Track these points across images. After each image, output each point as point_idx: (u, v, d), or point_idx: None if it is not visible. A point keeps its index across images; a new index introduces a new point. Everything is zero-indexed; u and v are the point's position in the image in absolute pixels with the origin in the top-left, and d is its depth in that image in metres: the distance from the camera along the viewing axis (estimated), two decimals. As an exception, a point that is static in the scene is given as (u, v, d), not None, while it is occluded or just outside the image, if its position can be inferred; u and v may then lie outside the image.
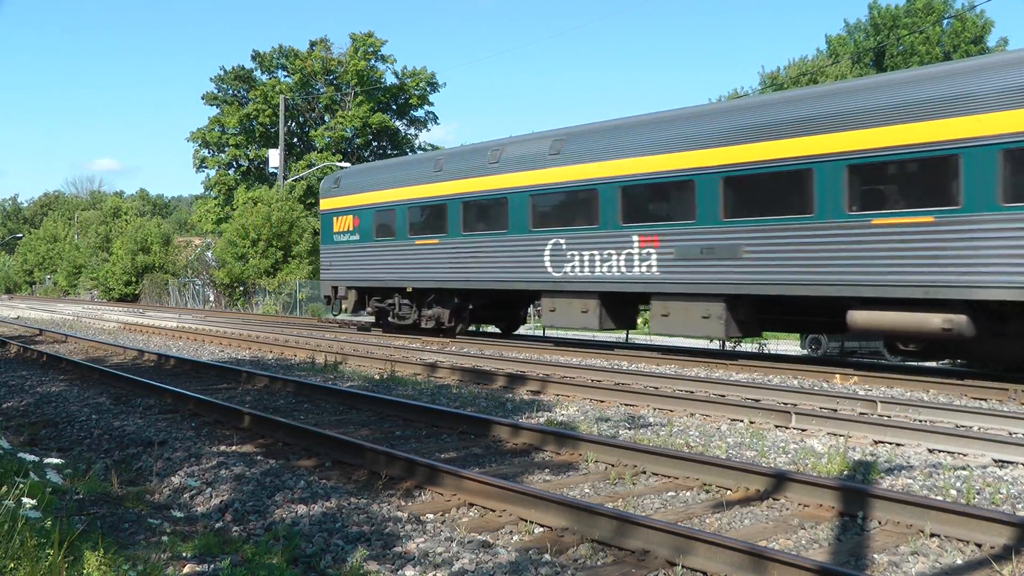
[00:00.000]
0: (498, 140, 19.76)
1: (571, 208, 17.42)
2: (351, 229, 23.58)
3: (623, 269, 16.03)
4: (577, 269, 16.89)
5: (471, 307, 21.01)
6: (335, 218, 24.33)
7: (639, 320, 22.13)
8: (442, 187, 20.40)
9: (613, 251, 16.21)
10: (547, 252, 17.50)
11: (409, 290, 21.68)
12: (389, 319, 22.99)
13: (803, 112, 13.65)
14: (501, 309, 21.96)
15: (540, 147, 18.00)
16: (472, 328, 22.98)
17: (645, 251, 15.65)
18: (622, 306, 17.07)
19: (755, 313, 15.03)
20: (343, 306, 24.65)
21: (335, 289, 24.46)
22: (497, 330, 23.90)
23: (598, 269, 16.50)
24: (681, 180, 15.21)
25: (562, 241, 17.22)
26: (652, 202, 16.14)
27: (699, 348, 20.57)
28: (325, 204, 25.06)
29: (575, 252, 16.92)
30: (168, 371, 14.60)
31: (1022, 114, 11.32)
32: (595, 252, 16.56)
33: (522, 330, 27.90)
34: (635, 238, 15.83)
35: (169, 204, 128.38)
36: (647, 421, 9.65)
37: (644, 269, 15.66)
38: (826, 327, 16.80)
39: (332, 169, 55.68)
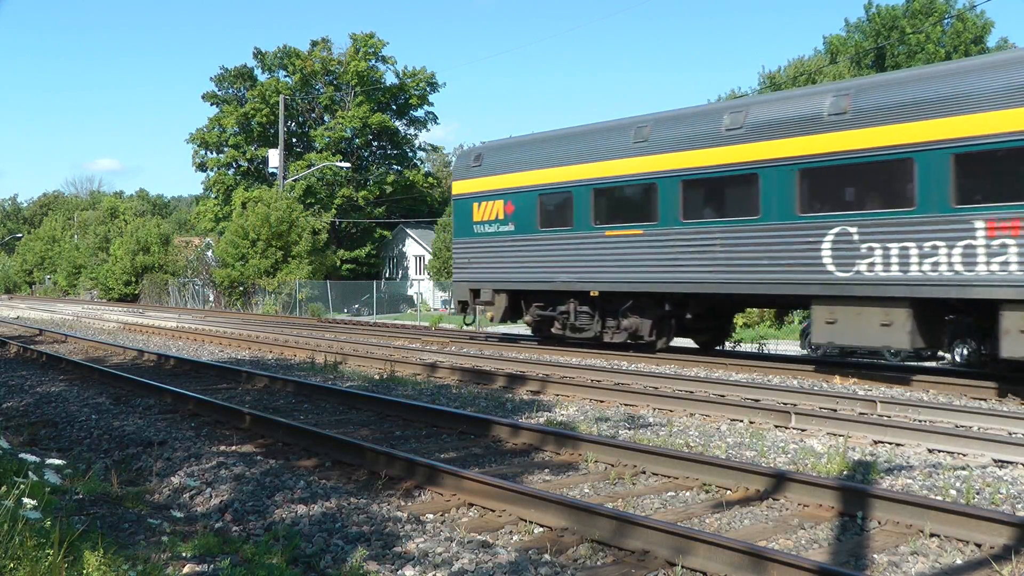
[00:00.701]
0: (738, 101, 15.54)
1: (867, 186, 13.28)
2: (501, 217, 18.99)
3: (958, 268, 12.03)
4: (878, 267, 12.80)
5: (688, 316, 16.77)
6: (476, 204, 19.64)
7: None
8: (649, 162, 16.02)
9: (940, 243, 12.19)
10: (826, 245, 13.39)
11: (594, 294, 17.29)
12: (553, 330, 18.63)
13: None
14: (706, 319, 17.49)
15: (812, 106, 13.82)
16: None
17: (997, 242, 11.68)
18: (945, 317, 13.06)
19: None
20: (488, 314, 19.76)
21: (475, 293, 19.71)
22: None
23: (913, 268, 12.44)
24: None
25: (852, 230, 13.11)
26: (1010, 175, 11.92)
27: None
28: (460, 187, 20.34)
29: (874, 244, 12.84)
30: (168, 371, 14.60)
31: None
32: (908, 244, 12.50)
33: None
34: (979, 225, 11.81)
35: (169, 204, 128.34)
36: (647, 421, 9.65)
37: (995, 267, 11.68)
38: None
39: (332, 170, 55.76)
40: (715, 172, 15.03)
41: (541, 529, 5.56)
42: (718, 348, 18.62)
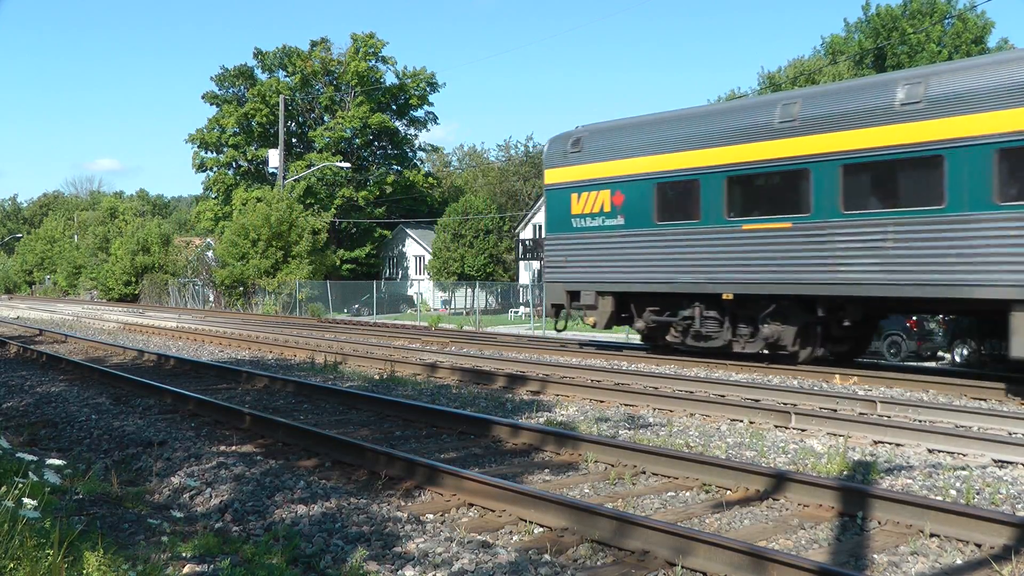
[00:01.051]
0: (917, 70, 13.64)
1: None
2: (607, 210, 16.83)
3: None
4: None
5: (846, 323, 14.44)
6: (575, 195, 17.49)
7: None
8: (799, 144, 13.87)
9: None
10: None
11: (727, 297, 15.07)
12: (669, 338, 16.58)
13: None
14: (853, 327, 14.95)
15: (1016, 73, 11.64)
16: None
17: None
18: None
19: None
20: (590, 319, 17.66)
21: (572, 295, 17.58)
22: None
23: None
24: None
25: None
26: None
27: (698, 347, 20.36)
28: (555, 176, 18.09)
29: None
30: (168, 371, 14.60)
31: None
32: None
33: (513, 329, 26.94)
34: None
35: (169, 204, 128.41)
36: (647, 421, 9.65)
37: None
38: None
39: (332, 170, 55.76)
40: (886, 155, 12.86)
41: (541, 529, 5.56)
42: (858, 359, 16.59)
